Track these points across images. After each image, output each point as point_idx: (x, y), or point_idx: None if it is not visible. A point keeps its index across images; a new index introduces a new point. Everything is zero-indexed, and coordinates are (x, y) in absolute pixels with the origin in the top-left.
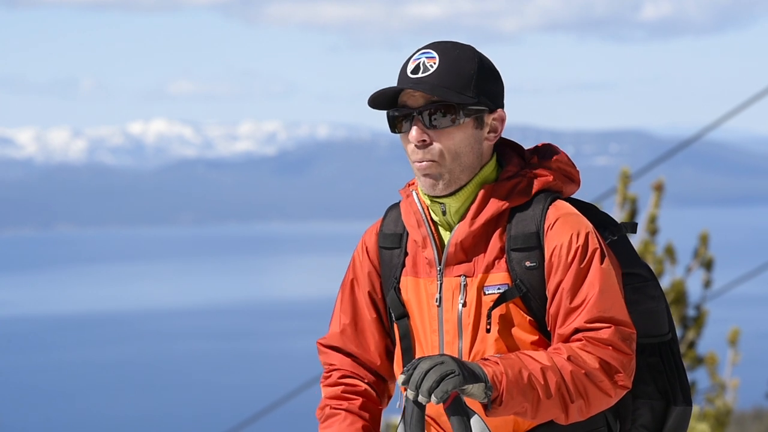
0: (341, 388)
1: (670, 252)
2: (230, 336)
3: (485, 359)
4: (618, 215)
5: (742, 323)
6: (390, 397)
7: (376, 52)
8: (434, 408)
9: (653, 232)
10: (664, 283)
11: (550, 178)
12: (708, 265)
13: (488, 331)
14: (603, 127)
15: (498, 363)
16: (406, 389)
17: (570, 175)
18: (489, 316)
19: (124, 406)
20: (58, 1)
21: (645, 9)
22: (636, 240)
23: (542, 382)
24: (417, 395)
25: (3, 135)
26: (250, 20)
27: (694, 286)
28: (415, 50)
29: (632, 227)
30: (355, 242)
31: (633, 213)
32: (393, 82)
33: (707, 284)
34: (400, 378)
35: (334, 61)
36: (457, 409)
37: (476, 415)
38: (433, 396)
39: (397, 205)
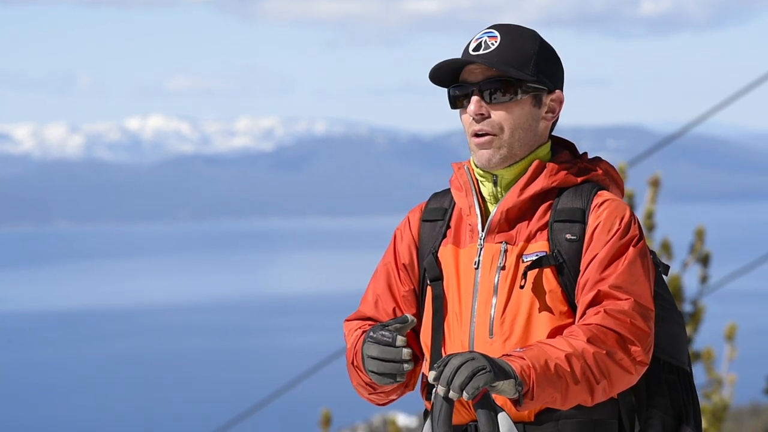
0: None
1: (666, 247)
2: (228, 332)
3: (508, 355)
4: None
5: (739, 319)
6: (415, 382)
7: (374, 47)
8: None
9: (650, 227)
10: None
11: (599, 172)
12: (704, 261)
13: (522, 287)
14: (600, 123)
15: (523, 357)
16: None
17: (616, 180)
18: (525, 275)
19: (121, 402)
20: None
21: (643, 4)
22: None
23: (568, 370)
24: (448, 391)
25: (0, 131)
26: (247, 16)
27: (691, 282)
28: (479, 31)
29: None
30: (352, 238)
31: (630, 208)
32: (392, 79)
33: (704, 280)
34: (431, 374)
35: (331, 56)
36: (486, 405)
37: (503, 411)
38: (464, 392)
39: (442, 191)
